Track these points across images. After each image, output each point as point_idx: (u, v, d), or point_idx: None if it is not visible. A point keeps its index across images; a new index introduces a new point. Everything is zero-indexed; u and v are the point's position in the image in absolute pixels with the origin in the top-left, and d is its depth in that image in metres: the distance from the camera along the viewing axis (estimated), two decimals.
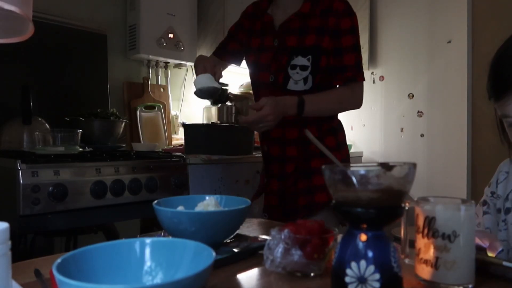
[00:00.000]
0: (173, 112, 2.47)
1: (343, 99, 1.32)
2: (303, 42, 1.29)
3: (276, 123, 1.22)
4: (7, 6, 0.56)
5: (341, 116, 1.45)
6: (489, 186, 0.93)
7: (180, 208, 0.73)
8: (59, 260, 0.44)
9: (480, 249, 0.68)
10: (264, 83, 1.38)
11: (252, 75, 1.46)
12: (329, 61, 1.29)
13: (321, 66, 1.29)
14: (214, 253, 0.48)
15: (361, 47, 1.36)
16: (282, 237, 0.61)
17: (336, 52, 1.28)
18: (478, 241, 0.68)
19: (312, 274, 0.61)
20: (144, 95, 2.30)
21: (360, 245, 0.49)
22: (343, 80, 1.29)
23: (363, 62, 1.38)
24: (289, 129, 1.35)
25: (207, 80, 1.29)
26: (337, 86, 1.33)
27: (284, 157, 1.37)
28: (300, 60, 1.29)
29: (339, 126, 1.43)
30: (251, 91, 1.59)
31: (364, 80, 1.32)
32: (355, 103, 1.33)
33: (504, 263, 0.59)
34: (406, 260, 0.66)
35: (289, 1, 1.35)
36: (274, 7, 1.40)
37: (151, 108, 2.31)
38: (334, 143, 1.39)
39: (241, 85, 2.66)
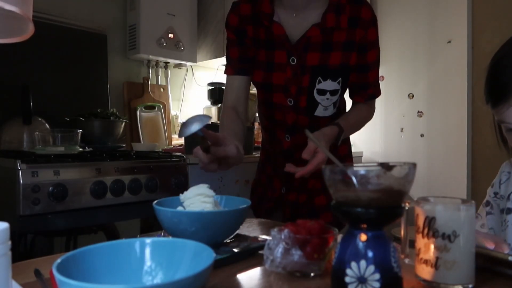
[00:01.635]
0: (173, 112, 2.47)
1: (367, 118, 1.26)
2: (327, 60, 1.10)
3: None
4: (7, 7, 0.56)
5: None
6: (491, 186, 0.93)
7: (180, 208, 0.73)
8: (59, 260, 0.44)
9: None
10: (281, 105, 1.17)
11: (261, 94, 1.23)
12: (354, 78, 1.16)
13: (349, 85, 1.18)
14: (214, 253, 0.48)
15: None
16: (282, 237, 0.61)
17: (361, 68, 1.14)
18: (484, 243, 0.68)
19: (312, 274, 0.61)
20: (144, 95, 2.31)
21: (360, 245, 0.49)
22: (365, 97, 1.20)
23: None
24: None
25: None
26: (357, 102, 1.23)
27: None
28: (330, 85, 1.11)
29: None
30: (251, 91, 1.56)
31: (380, 94, 1.25)
32: (371, 118, 1.29)
33: (510, 258, 0.59)
34: (406, 260, 0.66)
35: (302, 5, 1.10)
36: (280, 11, 1.13)
37: (151, 108, 2.31)
38: (346, 151, 1.33)
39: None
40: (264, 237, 0.79)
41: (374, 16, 1.11)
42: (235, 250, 0.71)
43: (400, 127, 2.68)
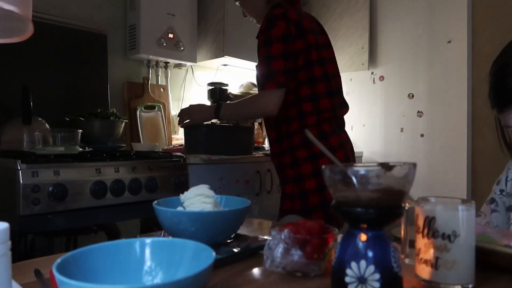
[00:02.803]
0: (173, 112, 2.47)
1: (249, 104, 1.49)
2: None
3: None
4: (6, 6, 0.56)
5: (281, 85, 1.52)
6: (497, 183, 0.93)
7: (180, 208, 0.73)
8: (59, 260, 0.44)
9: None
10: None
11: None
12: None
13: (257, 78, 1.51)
14: (214, 253, 0.48)
15: (361, 47, 1.39)
16: (282, 237, 0.61)
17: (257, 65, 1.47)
18: (499, 239, 0.67)
19: (312, 274, 0.61)
20: (144, 95, 2.30)
21: (360, 245, 0.49)
22: (258, 90, 1.48)
23: (364, 61, 1.43)
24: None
25: None
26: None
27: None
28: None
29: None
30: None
31: (274, 87, 1.38)
32: (264, 107, 1.41)
33: None
34: (406, 260, 0.66)
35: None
36: None
37: (151, 108, 2.31)
38: (336, 143, 1.50)
39: (241, 85, 2.66)
40: (264, 237, 0.79)
41: (265, 25, 1.40)
42: (235, 250, 0.71)
43: (400, 127, 2.68)
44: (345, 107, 1.58)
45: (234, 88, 2.58)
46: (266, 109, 1.41)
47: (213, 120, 2.30)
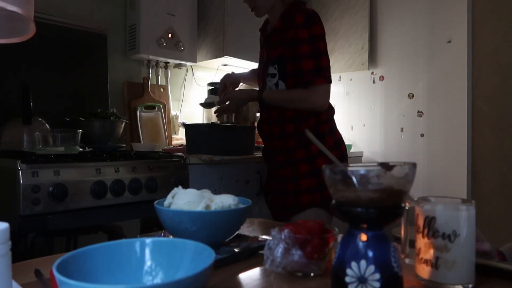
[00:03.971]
0: (173, 112, 2.47)
1: (296, 99, 1.48)
2: (275, 53, 1.51)
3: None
4: (9, 7, 0.56)
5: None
6: None
7: (169, 203, 0.73)
8: (59, 260, 0.44)
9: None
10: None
11: (258, 81, 1.70)
12: (290, 67, 1.48)
13: (288, 71, 1.48)
14: (214, 253, 0.48)
15: (361, 47, 1.42)
16: (282, 237, 0.61)
17: (295, 59, 1.45)
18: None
19: (312, 274, 0.61)
20: (144, 95, 2.30)
21: (360, 245, 0.49)
22: (302, 84, 1.46)
23: (364, 61, 1.46)
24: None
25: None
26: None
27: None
28: (271, 69, 1.53)
29: (330, 131, 1.56)
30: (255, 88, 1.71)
31: (326, 82, 1.44)
32: (313, 103, 1.46)
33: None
34: (406, 260, 0.66)
35: (272, 17, 1.58)
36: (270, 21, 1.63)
37: (151, 108, 2.31)
38: (332, 143, 1.56)
39: (241, 84, 2.66)
40: (264, 237, 0.79)
41: (306, 21, 1.43)
42: (235, 250, 0.71)
43: (400, 127, 2.68)
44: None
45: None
46: (318, 104, 1.47)
47: (213, 120, 2.31)
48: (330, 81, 1.46)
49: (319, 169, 1.45)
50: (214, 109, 2.46)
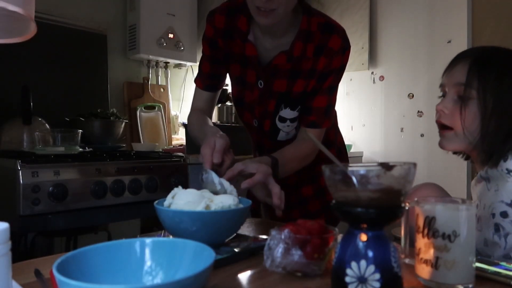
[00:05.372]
0: (173, 112, 2.48)
1: (310, 153, 1.10)
2: (292, 88, 1.08)
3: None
4: (11, 7, 0.56)
5: (341, 116, 1.46)
6: None
7: (168, 202, 0.73)
8: (59, 260, 0.44)
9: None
10: (249, 124, 1.20)
11: (236, 109, 1.23)
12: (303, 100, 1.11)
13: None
14: (214, 253, 0.48)
15: (361, 47, 1.33)
16: (282, 237, 0.61)
17: (310, 92, 1.08)
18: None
19: (312, 274, 0.61)
20: (144, 95, 2.31)
21: (360, 245, 0.49)
22: (306, 124, 1.10)
23: (364, 61, 1.32)
24: None
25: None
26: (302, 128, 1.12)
27: None
28: (289, 113, 1.10)
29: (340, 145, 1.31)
30: None
31: (329, 126, 1.13)
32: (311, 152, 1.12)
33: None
34: (406, 260, 0.66)
35: (278, 31, 1.04)
36: (257, 30, 1.07)
37: (151, 108, 2.31)
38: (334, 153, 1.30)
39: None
40: (264, 237, 0.79)
41: (344, 45, 1.04)
42: (235, 250, 0.71)
43: (400, 127, 2.68)
44: None
45: None
46: (310, 157, 1.12)
47: (213, 120, 2.30)
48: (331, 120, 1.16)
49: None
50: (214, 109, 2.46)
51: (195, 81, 1.20)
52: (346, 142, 1.46)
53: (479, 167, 0.88)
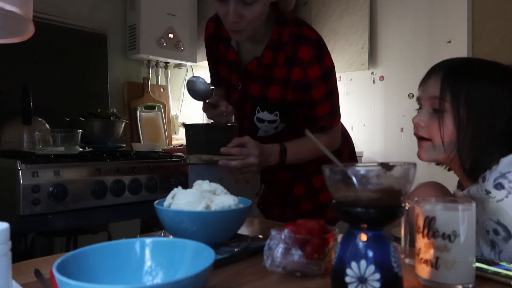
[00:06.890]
0: (173, 112, 2.48)
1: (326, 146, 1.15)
2: (266, 93, 1.14)
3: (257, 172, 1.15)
4: (8, 7, 0.56)
5: (342, 116, 1.45)
6: None
7: (168, 202, 0.73)
8: (59, 260, 0.44)
9: None
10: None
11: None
12: (302, 112, 1.16)
13: (290, 116, 1.18)
14: (214, 253, 0.48)
15: (361, 47, 1.34)
16: (282, 237, 0.61)
17: (308, 106, 1.14)
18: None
19: (312, 274, 0.61)
20: (144, 95, 2.31)
21: (360, 245, 0.49)
22: (319, 130, 1.16)
23: (364, 61, 1.35)
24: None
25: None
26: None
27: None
28: (267, 116, 1.16)
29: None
30: None
31: (340, 119, 1.21)
32: (335, 146, 1.21)
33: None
34: (406, 260, 0.66)
35: (254, 39, 1.13)
36: None
37: (151, 108, 2.31)
38: (347, 155, 1.35)
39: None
40: (264, 237, 0.79)
41: (316, 53, 1.08)
42: (235, 250, 0.71)
43: (400, 127, 2.67)
44: None
45: None
46: (337, 146, 1.22)
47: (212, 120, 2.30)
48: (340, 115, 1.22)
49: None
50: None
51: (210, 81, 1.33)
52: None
53: (462, 181, 0.88)
